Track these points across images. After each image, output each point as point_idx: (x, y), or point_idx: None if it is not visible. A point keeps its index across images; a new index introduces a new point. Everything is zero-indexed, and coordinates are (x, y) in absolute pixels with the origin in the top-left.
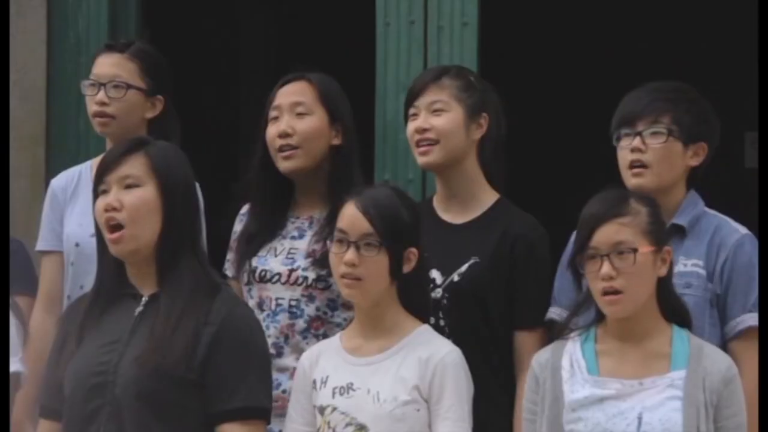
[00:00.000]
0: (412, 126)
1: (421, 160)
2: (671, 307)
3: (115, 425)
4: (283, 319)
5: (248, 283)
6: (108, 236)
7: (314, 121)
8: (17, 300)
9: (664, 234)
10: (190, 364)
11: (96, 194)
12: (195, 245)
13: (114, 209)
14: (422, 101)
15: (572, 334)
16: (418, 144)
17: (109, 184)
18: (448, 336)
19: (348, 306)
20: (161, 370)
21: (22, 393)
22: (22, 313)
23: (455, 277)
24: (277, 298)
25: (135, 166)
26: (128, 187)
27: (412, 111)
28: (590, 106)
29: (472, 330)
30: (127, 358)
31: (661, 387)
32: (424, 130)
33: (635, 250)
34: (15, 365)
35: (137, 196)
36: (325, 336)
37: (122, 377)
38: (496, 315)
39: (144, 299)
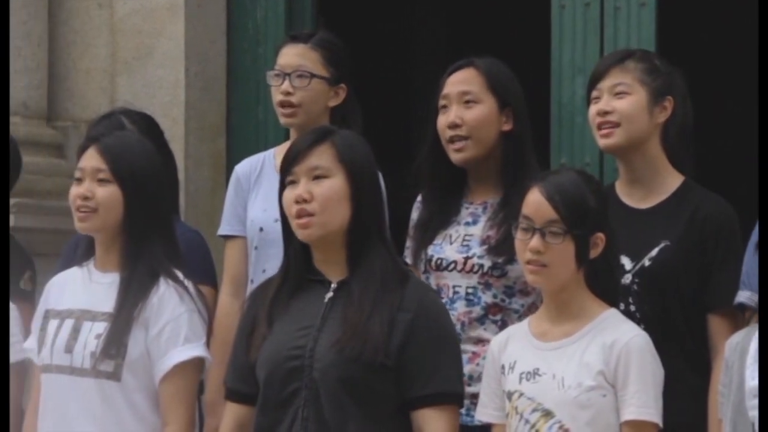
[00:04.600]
0: (594, 109)
1: (602, 142)
2: None
3: (313, 408)
4: (460, 306)
5: (425, 271)
6: (296, 221)
7: (483, 109)
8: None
9: None
10: (387, 350)
11: (283, 184)
12: (382, 232)
13: (305, 201)
14: (605, 84)
15: None
16: (599, 127)
17: (298, 175)
18: (639, 321)
19: (525, 292)
20: (362, 357)
21: (214, 376)
22: (206, 300)
23: (646, 262)
24: (454, 286)
25: (323, 157)
26: (317, 177)
27: (594, 94)
28: None
29: (665, 314)
30: (323, 343)
31: None
32: (606, 113)
33: None
34: (199, 350)
35: (327, 187)
36: (503, 322)
37: (320, 362)
38: (689, 298)
39: (333, 285)
